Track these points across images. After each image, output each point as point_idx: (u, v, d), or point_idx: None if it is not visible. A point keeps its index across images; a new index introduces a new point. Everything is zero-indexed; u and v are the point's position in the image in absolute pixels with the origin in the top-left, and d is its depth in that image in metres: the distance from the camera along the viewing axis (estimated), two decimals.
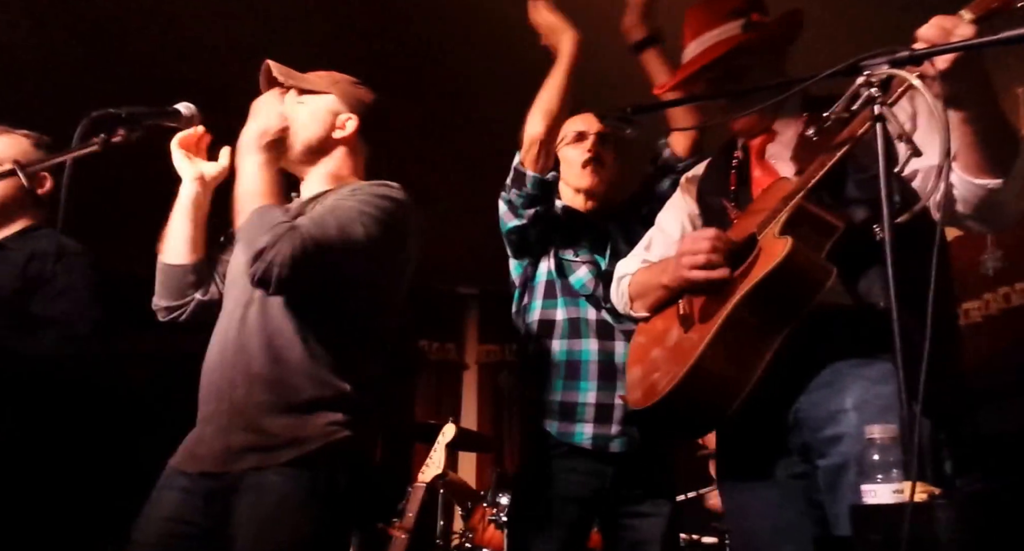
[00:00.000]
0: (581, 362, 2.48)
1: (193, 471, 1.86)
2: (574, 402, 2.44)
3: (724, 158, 2.09)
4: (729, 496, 1.97)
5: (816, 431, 1.73)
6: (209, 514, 1.82)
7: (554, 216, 2.60)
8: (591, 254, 2.59)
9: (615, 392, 2.42)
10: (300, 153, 2.09)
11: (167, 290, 2.17)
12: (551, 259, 2.58)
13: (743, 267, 1.77)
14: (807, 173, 1.76)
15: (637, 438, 2.42)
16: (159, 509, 1.86)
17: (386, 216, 1.93)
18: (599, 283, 2.49)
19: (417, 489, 3.83)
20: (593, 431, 2.41)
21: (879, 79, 1.40)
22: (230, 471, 1.82)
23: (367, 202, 1.92)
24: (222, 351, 1.94)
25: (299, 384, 1.85)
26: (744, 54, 1.93)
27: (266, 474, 1.79)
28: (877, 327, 1.65)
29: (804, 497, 1.77)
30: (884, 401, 1.63)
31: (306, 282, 1.81)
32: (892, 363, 1.63)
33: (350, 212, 1.88)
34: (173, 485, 1.88)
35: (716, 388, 1.75)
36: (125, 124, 1.87)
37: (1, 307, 2.34)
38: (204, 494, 1.83)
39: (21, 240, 2.49)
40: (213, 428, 1.88)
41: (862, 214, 1.74)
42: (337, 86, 2.15)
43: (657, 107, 2.09)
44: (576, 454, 2.42)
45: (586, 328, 2.50)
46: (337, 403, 1.86)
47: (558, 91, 2.41)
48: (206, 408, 1.93)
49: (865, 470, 1.26)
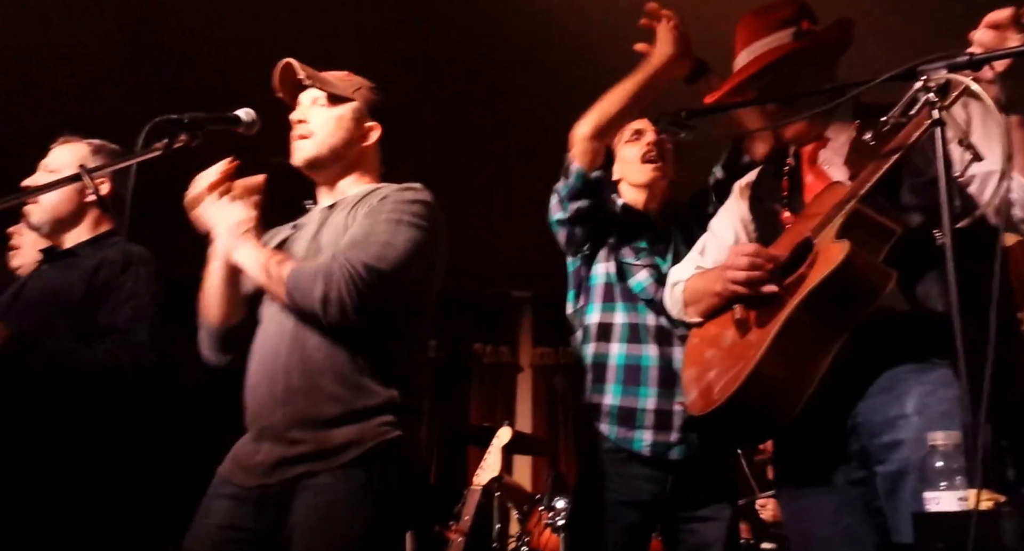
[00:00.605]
0: (641, 367, 2.45)
1: (247, 485, 1.86)
2: (633, 408, 2.43)
3: (776, 164, 2.09)
4: (788, 502, 1.96)
5: (874, 437, 1.72)
6: (262, 519, 1.83)
7: (606, 217, 2.58)
8: (652, 257, 2.56)
9: (674, 399, 2.40)
10: (325, 159, 2.09)
11: (210, 349, 2.10)
12: (611, 262, 2.56)
13: (799, 272, 1.77)
14: (862, 177, 1.75)
15: (697, 445, 2.39)
16: (211, 517, 1.87)
17: (421, 221, 1.95)
18: (659, 287, 2.49)
19: (473, 492, 3.84)
20: (653, 438, 2.39)
21: (937, 84, 1.39)
22: (284, 480, 1.82)
23: (400, 210, 1.94)
24: (265, 365, 1.94)
25: (348, 396, 1.86)
26: (793, 62, 1.94)
27: (319, 476, 1.80)
28: (935, 332, 1.64)
29: (863, 503, 1.76)
30: (943, 407, 1.63)
31: (378, 302, 1.85)
32: (951, 369, 1.62)
33: (387, 225, 1.91)
34: (223, 493, 1.89)
35: (775, 394, 1.73)
36: (187, 129, 1.90)
37: (69, 313, 2.38)
38: (256, 500, 1.84)
39: (92, 247, 2.53)
40: (263, 443, 1.88)
41: (918, 219, 1.73)
42: (360, 92, 2.14)
43: (711, 111, 2.09)
44: (635, 460, 2.41)
45: (646, 333, 2.48)
46: (388, 409, 1.87)
47: (620, 96, 2.34)
48: (254, 423, 1.93)
49: (928, 477, 1.24)
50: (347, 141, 2.10)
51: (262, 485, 1.84)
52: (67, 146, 2.60)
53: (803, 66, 1.96)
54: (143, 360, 2.33)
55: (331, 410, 1.84)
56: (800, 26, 1.96)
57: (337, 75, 2.17)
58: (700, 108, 1.83)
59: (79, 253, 2.52)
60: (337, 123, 2.09)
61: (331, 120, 2.09)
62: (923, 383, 1.69)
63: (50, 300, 2.42)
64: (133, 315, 2.36)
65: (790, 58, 1.94)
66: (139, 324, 2.36)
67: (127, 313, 2.35)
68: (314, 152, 2.08)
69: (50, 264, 2.58)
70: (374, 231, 1.90)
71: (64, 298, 2.40)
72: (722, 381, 1.83)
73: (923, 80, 1.41)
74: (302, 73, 2.09)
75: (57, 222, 2.55)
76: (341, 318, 1.81)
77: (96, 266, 2.44)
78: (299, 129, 2.09)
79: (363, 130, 2.13)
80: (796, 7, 2.01)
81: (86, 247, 2.54)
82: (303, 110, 2.11)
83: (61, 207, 2.53)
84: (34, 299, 2.47)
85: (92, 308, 2.39)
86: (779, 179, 2.05)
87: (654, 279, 2.50)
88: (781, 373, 1.72)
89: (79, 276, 2.43)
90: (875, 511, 1.72)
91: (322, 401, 1.85)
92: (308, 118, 2.09)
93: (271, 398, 1.89)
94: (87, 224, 2.58)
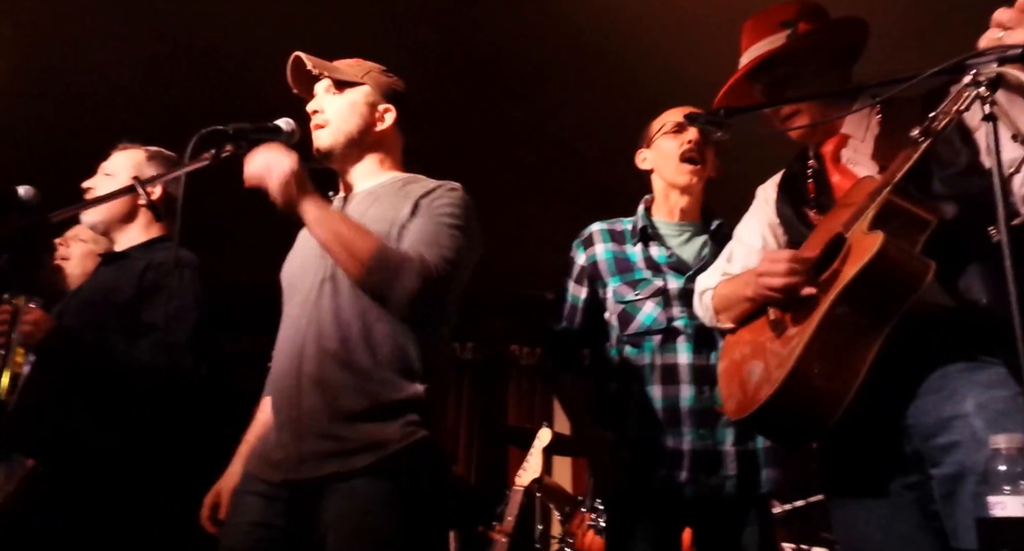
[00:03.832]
0: (652, 410, 2.41)
1: (274, 480, 1.86)
2: (665, 448, 2.37)
3: (799, 166, 2.07)
4: (838, 508, 1.89)
5: (928, 439, 1.68)
6: (293, 517, 1.83)
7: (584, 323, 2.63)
8: (656, 279, 2.51)
9: (682, 437, 2.35)
10: (343, 146, 2.11)
11: None
12: (615, 306, 2.53)
13: (832, 267, 1.73)
14: (891, 169, 1.71)
15: (708, 485, 2.34)
16: (244, 515, 1.89)
17: (468, 222, 1.99)
18: (669, 308, 2.44)
19: (516, 492, 3.85)
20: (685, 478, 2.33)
21: (988, 78, 1.36)
22: (312, 478, 1.82)
23: (454, 214, 1.98)
24: (291, 358, 1.94)
25: (373, 389, 1.86)
26: (787, 64, 1.95)
27: (350, 481, 1.79)
28: (982, 328, 1.61)
29: (918, 508, 1.71)
30: (1000, 406, 1.59)
31: (437, 303, 1.91)
32: (1005, 367, 1.59)
33: (448, 229, 1.95)
34: (253, 490, 1.90)
35: (817, 393, 1.69)
36: (232, 140, 1.94)
37: (119, 312, 2.47)
38: (287, 500, 1.84)
39: (145, 250, 2.62)
40: (288, 435, 1.88)
41: (951, 210, 1.69)
42: (370, 75, 2.16)
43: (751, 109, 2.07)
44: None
45: (651, 373, 2.43)
46: (413, 404, 1.87)
47: None
48: (279, 416, 1.94)
49: (991, 481, 1.22)
50: (362, 126, 2.13)
51: (286, 481, 1.84)
52: (125, 152, 2.73)
53: (798, 67, 1.95)
54: (180, 362, 2.38)
55: (354, 403, 1.85)
56: (796, 27, 1.95)
57: (347, 62, 2.20)
58: (737, 107, 1.81)
59: (131, 255, 2.62)
60: (351, 109, 2.12)
61: (344, 106, 2.12)
62: (976, 383, 1.64)
63: (102, 300, 2.52)
64: (174, 315, 2.43)
65: (779, 59, 1.94)
66: (178, 324, 2.42)
67: (168, 312, 2.42)
68: (330, 140, 2.11)
69: (105, 266, 2.68)
70: (440, 233, 1.94)
71: (115, 298, 2.50)
72: (761, 384, 1.80)
73: (973, 74, 1.38)
74: (310, 64, 2.12)
75: (110, 221, 2.67)
76: (407, 311, 1.86)
77: (145, 267, 2.53)
78: (315, 119, 2.13)
79: (377, 113, 2.15)
80: (798, 8, 2.00)
81: (138, 250, 2.64)
82: (317, 100, 2.15)
83: (115, 207, 2.64)
84: (88, 299, 2.58)
85: (139, 308, 2.47)
86: (804, 181, 2.02)
87: (662, 306, 2.46)
88: (821, 372, 1.68)
89: (129, 277, 2.52)
90: (932, 515, 1.68)
91: (345, 393, 1.86)
92: (322, 107, 2.13)
93: (292, 386, 1.91)
94: (140, 225, 2.69)
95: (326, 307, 1.93)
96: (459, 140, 4.41)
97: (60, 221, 1.88)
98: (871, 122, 1.92)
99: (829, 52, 1.97)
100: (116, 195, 2.12)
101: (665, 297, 2.46)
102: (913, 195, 1.71)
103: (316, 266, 2.00)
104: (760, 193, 2.19)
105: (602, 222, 2.69)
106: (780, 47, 1.94)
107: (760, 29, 2.01)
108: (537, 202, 5.30)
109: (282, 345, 2.00)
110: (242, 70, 4.08)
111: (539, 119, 4.58)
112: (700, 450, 2.34)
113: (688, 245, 2.60)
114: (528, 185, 5.13)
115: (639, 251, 2.57)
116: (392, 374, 1.87)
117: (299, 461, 1.84)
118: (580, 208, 2.59)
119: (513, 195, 5.04)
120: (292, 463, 1.85)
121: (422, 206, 1.99)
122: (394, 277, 1.84)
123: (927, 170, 1.72)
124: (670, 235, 2.60)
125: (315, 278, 1.99)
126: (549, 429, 4.09)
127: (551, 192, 5.24)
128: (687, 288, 2.41)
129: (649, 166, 2.65)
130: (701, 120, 1.77)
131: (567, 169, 5.03)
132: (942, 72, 1.45)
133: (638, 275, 2.52)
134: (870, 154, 1.89)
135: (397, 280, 1.84)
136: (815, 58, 1.96)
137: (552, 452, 4.68)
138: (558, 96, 4.38)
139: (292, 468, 1.84)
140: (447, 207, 1.99)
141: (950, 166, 1.71)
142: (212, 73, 4.22)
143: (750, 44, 2.02)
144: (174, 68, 4.21)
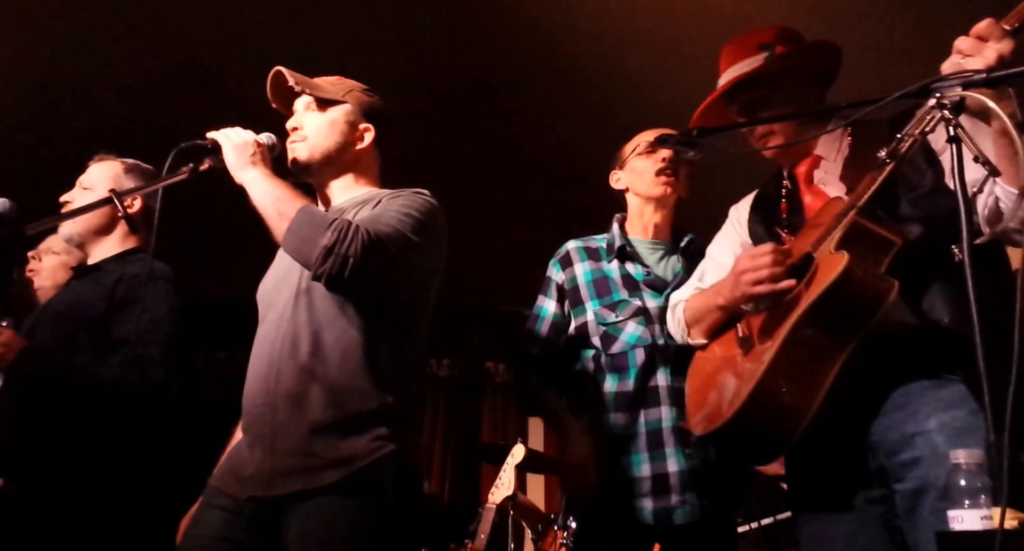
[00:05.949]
0: (630, 435, 2.41)
1: (240, 496, 1.83)
2: (630, 477, 2.37)
3: (773, 187, 2.10)
4: (805, 523, 1.92)
5: (892, 455, 1.71)
6: (256, 533, 1.80)
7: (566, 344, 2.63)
8: (634, 298, 2.53)
9: (666, 460, 2.35)
10: (319, 163, 2.10)
11: None
12: (597, 329, 2.53)
13: (800, 285, 1.76)
14: (858, 190, 1.75)
15: (698, 505, 2.33)
16: (204, 527, 1.85)
17: (428, 219, 1.97)
18: (652, 325, 2.46)
19: (488, 510, 3.83)
20: (653, 505, 2.34)
21: (952, 101, 1.39)
22: (279, 495, 1.79)
23: (410, 206, 1.96)
24: (265, 375, 1.92)
25: (343, 400, 1.84)
26: (761, 85, 1.99)
27: (314, 496, 1.76)
28: (944, 347, 1.64)
29: (881, 523, 1.75)
30: (960, 423, 1.62)
31: (375, 277, 1.84)
32: (964, 384, 1.62)
33: (398, 214, 1.92)
34: (216, 504, 1.87)
35: (781, 410, 1.72)
36: (211, 154, 1.96)
37: (90, 326, 2.43)
38: (250, 516, 1.81)
39: (117, 262, 2.59)
40: (261, 452, 1.85)
41: (917, 231, 1.73)
42: (351, 94, 2.16)
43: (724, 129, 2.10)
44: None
45: (615, 399, 2.45)
46: (381, 416, 1.85)
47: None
48: (250, 432, 1.91)
49: (951, 495, 1.24)
50: (340, 144, 2.12)
51: (253, 497, 1.82)
52: (102, 164, 2.69)
53: (774, 88, 1.99)
54: (152, 376, 2.35)
55: (324, 416, 1.83)
56: (774, 50, 2.00)
57: (328, 79, 2.19)
58: (710, 127, 1.84)
59: (104, 268, 2.58)
60: (330, 127, 2.11)
61: (324, 124, 2.11)
62: (938, 400, 1.68)
63: (74, 314, 2.48)
64: (147, 328, 2.39)
65: (756, 80, 1.98)
66: (151, 337, 2.39)
67: (140, 325, 2.38)
68: (306, 155, 2.10)
69: (77, 279, 2.64)
70: (385, 214, 1.91)
71: (86, 312, 2.46)
72: (726, 400, 1.82)
73: (937, 97, 1.42)
74: (292, 80, 2.11)
75: (87, 234, 2.63)
76: (336, 274, 1.77)
77: (117, 279, 2.49)
78: (293, 136, 2.12)
79: (357, 132, 2.14)
80: (776, 33, 2.04)
81: (111, 262, 2.60)
82: (297, 117, 2.14)
83: (92, 220, 2.60)
84: (60, 313, 2.53)
85: (111, 321, 2.44)
86: (778, 201, 2.06)
87: (644, 324, 2.48)
88: (786, 389, 1.71)
89: (101, 290, 2.48)
90: (895, 529, 1.71)
91: (316, 406, 1.83)
92: (302, 124, 2.12)
93: (265, 402, 1.88)
94: (116, 238, 2.65)
95: (302, 321, 1.91)
96: (435, 157, 4.42)
97: (35, 234, 1.87)
98: (842, 144, 1.96)
99: (804, 74, 2.02)
100: (93, 207, 2.11)
101: (646, 316, 2.49)
102: (879, 216, 1.74)
103: (291, 282, 1.99)
104: (733, 213, 2.22)
105: (577, 240, 2.72)
106: (758, 68, 1.98)
107: (739, 52, 2.05)
108: (513, 219, 5.32)
109: (255, 362, 1.98)
110: (224, 84, 4.07)
111: (515, 137, 4.61)
112: (687, 470, 2.35)
113: (663, 263, 2.63)
114: (504, 202, 5.14)
115: (615, 268, 2.60)
116: (361, 384, 1.86)
117: (269, 478, 1.81)
118: (555, 225, 2.61)
119: (489, 212, 5.06)
120: (262, 479, 1.82)
121: (382, 203, 2.00)
122: (316, 237, 1.78)
123: (894, 191, 1.76)
124: (645, 253, 2.63)
125: (290, 294, 1.97)
126: (523, 446, 4.07)
127: (527, 209, 5.26)
128: (665, 307, 2.43)
129: (623, 186, 2.69)
130: (673, 141, 1.80)
131: (543, 187, 5.06)
132: (908, 95, 1.47)
133: (616, 297, 2.55)
134: (839, 175, 1.93)
135: (320, 237, 1.77)
136: (790, 79, 2.00)
137: (526, 470, 4.67)
138: (535, 115, 4.41)
139: (261, 484, 1.82)
140: (405, 202, 1.98)
141: (916, 187, 1.75)
142: (194, 87, 4.20)
143: (728, 65, 2.06)
144: (154, 82, 4.19)
